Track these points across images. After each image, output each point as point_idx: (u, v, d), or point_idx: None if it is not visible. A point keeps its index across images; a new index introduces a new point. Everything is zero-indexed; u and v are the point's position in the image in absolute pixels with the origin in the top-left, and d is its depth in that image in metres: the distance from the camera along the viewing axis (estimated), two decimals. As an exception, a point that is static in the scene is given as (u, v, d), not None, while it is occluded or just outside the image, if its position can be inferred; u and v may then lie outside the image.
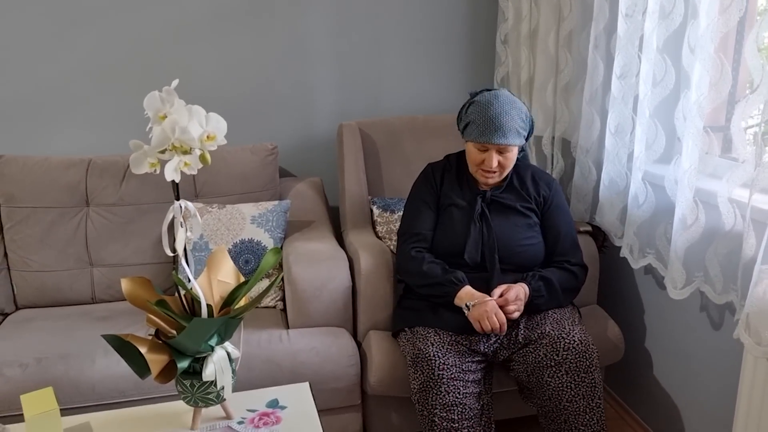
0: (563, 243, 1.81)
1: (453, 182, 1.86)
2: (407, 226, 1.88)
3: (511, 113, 1.67)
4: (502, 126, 1.66)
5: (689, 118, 1.53)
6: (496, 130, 1.66)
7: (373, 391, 1.79)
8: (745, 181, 1.41)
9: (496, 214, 1.79)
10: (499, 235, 1.76)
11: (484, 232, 1.76)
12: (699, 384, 1.80)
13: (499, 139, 1.67)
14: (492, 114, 1.66)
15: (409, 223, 1.87)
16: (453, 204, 1.83)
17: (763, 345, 1.30)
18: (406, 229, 1.87)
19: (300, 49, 2.49)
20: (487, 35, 2.62)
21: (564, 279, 1.76)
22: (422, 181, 1.91)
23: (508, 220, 1.79)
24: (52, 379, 1.64)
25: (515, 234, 1.78)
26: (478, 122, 1.68)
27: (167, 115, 1.04)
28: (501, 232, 1.77)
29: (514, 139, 1.69)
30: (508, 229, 1.78)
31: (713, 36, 1.45)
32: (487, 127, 1.67)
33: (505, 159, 1.72)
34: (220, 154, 2.24)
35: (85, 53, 2.34)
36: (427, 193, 1.88)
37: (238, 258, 2.01)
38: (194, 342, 1.22)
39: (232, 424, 1.35)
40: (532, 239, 1.79)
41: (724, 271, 1.54)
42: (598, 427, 1.59)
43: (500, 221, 1.78)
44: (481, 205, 1.79)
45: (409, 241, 1.84)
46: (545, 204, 1.83)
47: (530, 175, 1.85)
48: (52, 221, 2.11)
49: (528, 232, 1.79)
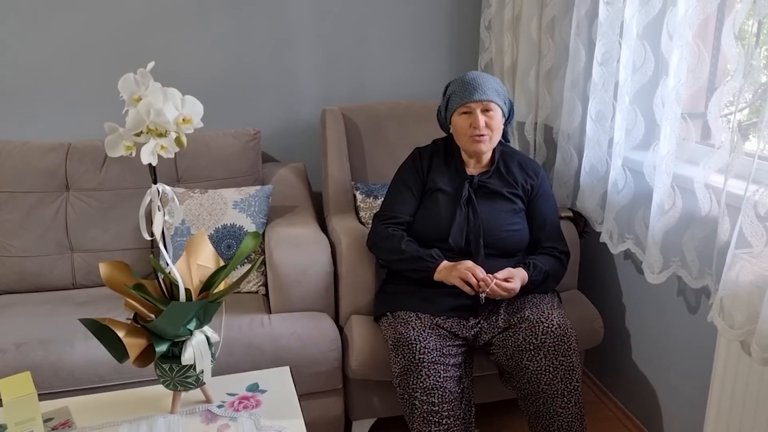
0: (550, 229, 1.84)
1: (441, 167, 1.87)
2: (387, 207, 1.89)
3: (487, 77, 1.77)
4: (480, 85, 1.74)
5: (667, 104, 1.54)
6: (476, 89, 1.73)
7: (354, 375, 1.81)
8: (720, 167, 1.43)
9: (482, 199, 1.80)
10: (485, 220, 1.77)
11: (470, 217, 1.77)
12: (675, 366, 1.83)
13: (479, 95, 1.73)
14: (468, 78, 1.76)
15: (389, 205, 1.89)
16: (439, 189, 1.83)
17: (736, 328, 1.32)
18: (386, 210, 1.88)
19: (283, 33, 2.47)
20: (471, 21, 2.61)
21: (555, 268, 1.80)
22: (409, 165, 1.91)
23: (494, 205, 1.80)
24: (32, 364, 1.63)
25: (500, 219, 1.79)
26: (458, 89, 1.76)
27: (142, 98, 1.03)
28: (486, 217, 1.77)
29: (494, 97, 1.74)
30: (493, 214, 1.79)
31: (691, 23, 1.45)
32: (465, 89, 1.74)
33: (491, 119, 1.75)
34: (202, 138, 2.23)
35: (66, 36, 2.31)
36: (412, 177, 1.88)
37: (220, 243, 2.00)
38: (172, 326, 1.22)
39: (211, 408, 1.36)
40: (517, 225, 1.81)
41: (700, 255, 1.56)
42: (575, 409, 1.61)
43: (486, 206, 1.79)
44: (468, 190, 1.79)
45: (387, 221, 1.85)
46: (532, 192, 1.84)
47: (517, 162, 1.86)
48: (31, 206, 2.09)
49: (513, 218, 1.80)
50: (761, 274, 1.27)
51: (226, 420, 1.32)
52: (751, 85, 1.28)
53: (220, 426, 1.30)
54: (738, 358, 1.35)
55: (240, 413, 1.34)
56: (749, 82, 1.28)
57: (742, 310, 1.31)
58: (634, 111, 1.75)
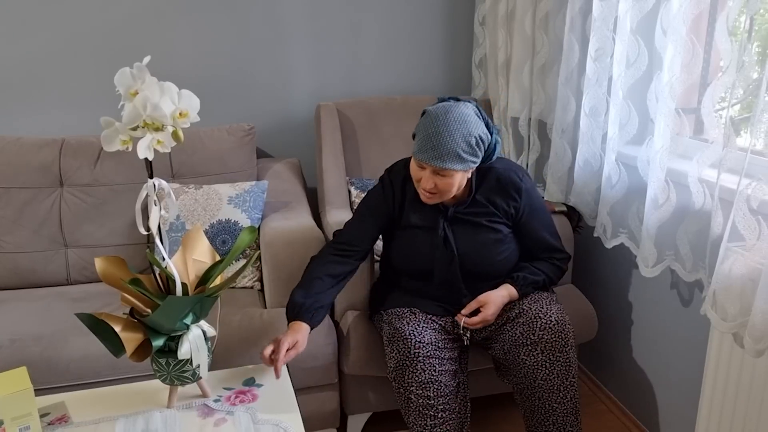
0: (545, 244, 1.76)
1: (413, 198, 1.69)
2: (346, 232, 1.75)
3: (455, 135, 1.49)
4: (439, 146, 1.49)
5: (661, 99, 1.55)
6: (432, 150, 1.50)
7: (350, 370, 1.81)
8: (713, 161, 1.44)
9: (461, 232, 1.67)
10: (466, 258, 1.67)
11: (448, 256, 1.67)
12: (669, 359, 1.84)
13: (432, 160, 1.50)
14: (432, 131, 1.50)
15: (348, 231, 1.75)
16: (415, 226, 1.70)
17: (729, 321, 1.34)
18: (344, 234, 1.74)
19: (278, 28, 2.46)
20: (465, 16, 2.62)
21: (551, 271, 1.75)
22: (379, 196, 1.74)
23: (475, 238, 1.68)
24: (27, 359, 1.63)
25: (484, 253, 1.68)
26: (420, 137, 1.54)
27: (138, 92, 1.03)
28: (468, 253, 1.67)
29: (452, 163, 1.50)
30: (476, 247, 1.67)
31: (685, 18, 1.46)
32: (423, 144, 1.52)
33: (444, 183, 1.54)
34: (197, 134, 2.22)
35: (59, 31, 2.29)
36: (380, 207, 1.73)
37: (215, 238, 2.00)
38: (169, 320, 1.22)
39: (208, 402, 1.36)
40: (503, 253, 1.70)
41: (694, 249, 1.57)
42: (571, 404, 1.62)
43: (466, 240, 1.67)
44: (443, 226, 1.67)
45: (338, 244, 1.72)
46: (518, 214, 1.70)
47: (495, 182, 1.68)
48: (25, 202, 2.08)
49: (498, 248, 1.69)
50: (754, 267, 1.28)
51: (223, 414, 1.32)
52: (743, 80, 1.29)
53: (217, 420, 1.30)
54: (731, 351, 1.37)
55: (237, 407, 1.35)
56: (741, 77, 1.29)
57: (734, 303, 1.32)
58: (628, 106, 1.76)
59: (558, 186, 2.17)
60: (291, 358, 1.47)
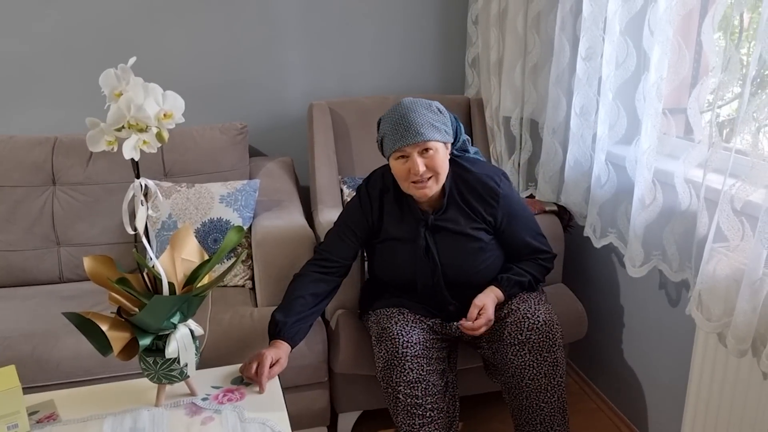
0: (529, 249, 1.75)
1: (392, 207, 1.70)
2: (326, 246, 1.74)
3: (418, 109, 1.56)
4: (412, 123, 1.53)
5: (648, 99, 1.55)
6: (407, 130, 1.54)
7: (339, 369, 1.82)
8: (700, 161, 1.44)
9: (442, 242, 1.67)
10: (449, 268, 1.67)
11: (430, 267, 1.67)
12: (657, 358, 1.85)
13: (413, 137, 1.53)
14: (398, 116, 1.56)
15: (329, 245, 1.74)
16: (394, 238, 1.70)
17: (713, 321, 1.34)
18: (324, 249, 1.73)
19: (271, 27, 2.47)
20: (458, 15, 2.62)
21: (536, 271, 1.75)
22: (356, 206, 1.74)
23: (456, 247, 1.68)
24: (17, 357, 1.64)
25: (466, 263, 1.68)
26: (389, 132, 1.57)
27: (123, 93, 1.04)
28: (450, 263, 1.67)
29: (431, 133, 1.55)
30: (458, 257, 1.68)
31: (671, 18, 1.47)
32: (397, 131, 1.55)
33: (431, 160, 1.56)
34: (190, 133, 2.23)
35: (52, 29, 2.30)
36: (359, 222, 1.72)
37: (206, 237, 2.01)
38: (155, 319, 1.23)
39: (196, 401, 1.37)
40: (486, 261, 1.70)
41: (680, 249, 1.58)
42: (558, 403, 1.63)
43: (448, 250, 1.67)
44: (424, 235, 1.66)
45: (320, 260, 1.71)
46: (496, 223, 1.70)
47: (472, 187, 1.68)
48: (17, 200, 2.09)
49: (480, 256, 1.69)
50: (737, 267, 1.29)
51: (210, 413, 1.33)
52: (730, 80, 1.30)
53: (204, 419, 1.31)
54: (715, 350, 1.38)
55: (224, 406, 1.35)
56: (728, 78, 1.30)
57: (719, 304, 1.33)
58: (617, 106, 1.76)
59: (549, 185, 2.17)
60: (275, 374, 1.47)
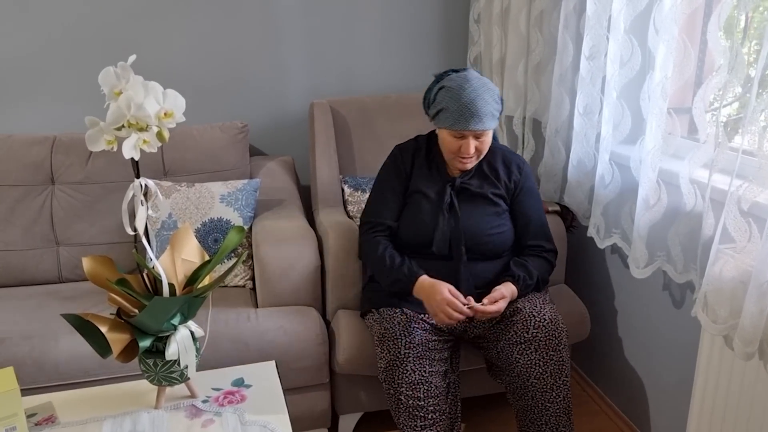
0: (534, 228, 1.79)
1: (422, 166, 1.80)
2: (373, 213, 1.82)
3: (485, 96, 1.60)
4: (478, 111, 1.59)
5: (653, 99, 1.54)
6: (472, 117, 1.59)
7: (341, 370, 1.81)
8: (705, 161, 1.43)
9: (464, 202, 1.75)
10: (467, 225, 1.72)
11: (452, 223, 1.72)
12: (661, 360, 1.84)
13: (475, 125, 1.60)
14: (466, 100, 1.59)
15: (374, 211, 1.82)
16: (421, 192, 1.77)
17: (719, 323, 1.33)
18: (371, 216, 1.82)
19: (271, 25, 2.45)
20: (460, 14, 2.60)
21: (543, 270, 1.76)
22: (390, 166, 1.84)
23: (476, 208, 1.75)
24: (15, 359, 1.63)
25: (484, 223, 1.74)
26: (452, 109, 1.61)
27: (122, 92, 1.02)
28: (469, 221, 1.72)
29: (490, 122, 1.63)
30: (476, 218, 1.74)
31: (677, 17, 1.45)
32: (462, 114, 1.60)
33: (482, 143, 1.66)
34: (190, 132, 2.21)
35: (51, 28, 2.28)
36: (395, 179, 1.81)
37: (206, 237, 2.00)
38: (155, 321, 1.21)
39: (196, 403, 1.36)
40: (501, 227, 1.76)
41: (685, 250, 1.57)
42: (564, 404, 1.62)
43: (469, 210, 1.74)
44: (450, 194, 1.74)
45: (373, 229, 1.80)
46: (516, 189, 1.78)
47: (500, 158, 1.79)
48: (16, 199, 2.07)
49: (497, 221, 1.75)
50: (744, 269, 1.28)
51: (210, 415, 1.32)
52: (736, 80, 1.29)
53: (205, 421, 1.30)
54: (721, 353, 1.36)
55: (225, 408, 1.34)
56: (734, 77, 1.28)
57: (725, 305, 1.32)
58: (621, 105, 1.75)
59: (552, 185, 2.16)
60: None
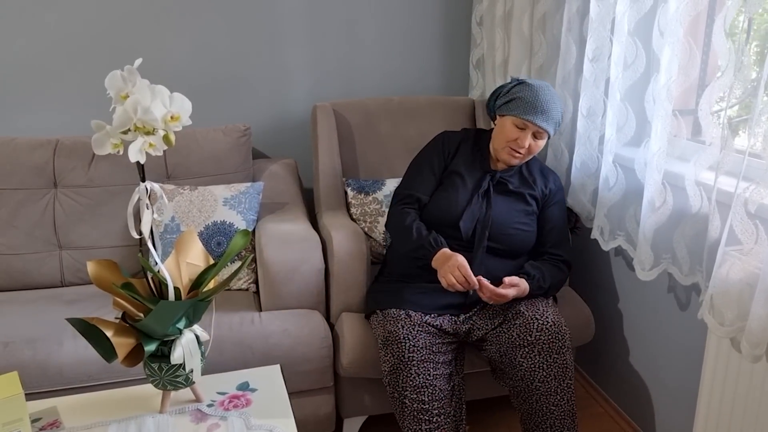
0: (557, 236, 1.84)
1: (467, 155, 1.87)
2: (406, 185, 1.89)
3: (557, 104, 1.73)
4: (548, 111, 1.71)
5: (658, 101, 1.54)
6: (542, 112, 1.70)
7: (345, 373, 1.80)
8: (711, 164, 1.43)
9: (499, 194, 1.81)
10: (497, 214, 1.77)
11: (483, 209, 1.77)
12: (666, 363, 1.83)
13: (541, 120, 1.71)
14: (543, 97, 1.71)
15: (408, 184, 1.89)
16: (459, 175, 1.83)
17: (726, 325, 1.33)
18: (404, 188, 1.89)
19: (274, 28, 2.45)
20: (462, 16, 2.60)
21: (557, 279, 1.78)
22: (434, 145, 1.91)
23: (509, 202, 1.81)
24: (19, 363, 1.62)
25: (512, 216, 1.79)
26: (528, 99, 1.71)
27: (129, 95, 1.02)
28: (498, 211, 1.78)
29: (551, 126, 1.74)
30: (506, 210, 1.79)
31: (682, 19, 1.45)
32: (534, 107, 1.70)
33: (536, 144, 1.75)
34: (192, 135, 2.21)
35: (54, 31, 2.28)
36: (436, 158, 1.89)
37: (210, 240, 1.99)
38: (161, 325, 1.21)
39: (201, 407, 1.35)
40: (528, 226, 1.81)
41: (691, 252, 1.56)
42: (568, 407, 1.62)
43: (501, 202, 1.80)
44: (488, 182, 1.80)
45: (403, 201, 1.86)
46: (548, 197, 1.85)
47: (539, 168, 1.88)
48: (19, 203, 2.07)
49: (524, 218, 1.81)
50: (751, 271, 1.27)
51: (216, 419, 1.31)
52: (741, 81, 1.28)
53: (210, 425, 1.29)
54: (728, 356, 1.36)
55: (230, 412, 1.33)
56: (739, 78, 1.28)
57: (732, 308, 1.31)
58: (626, 108, 1.75)
59: (555, 187, 2.15)
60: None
